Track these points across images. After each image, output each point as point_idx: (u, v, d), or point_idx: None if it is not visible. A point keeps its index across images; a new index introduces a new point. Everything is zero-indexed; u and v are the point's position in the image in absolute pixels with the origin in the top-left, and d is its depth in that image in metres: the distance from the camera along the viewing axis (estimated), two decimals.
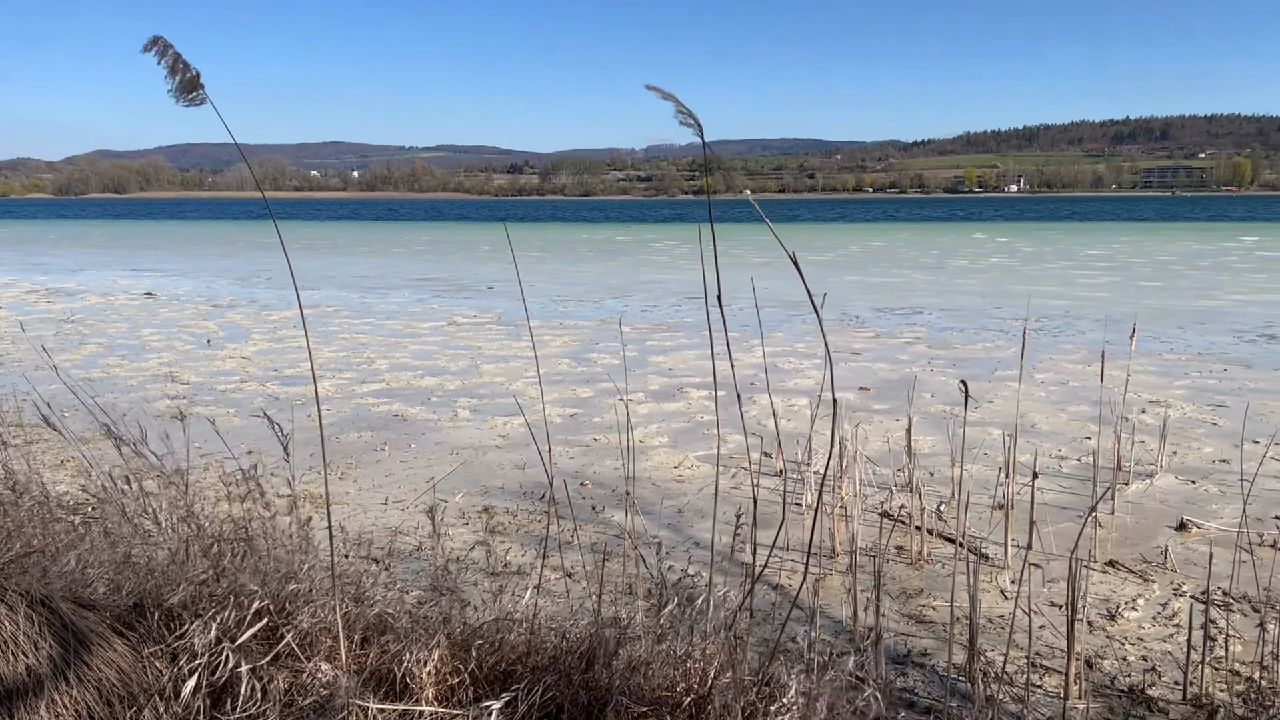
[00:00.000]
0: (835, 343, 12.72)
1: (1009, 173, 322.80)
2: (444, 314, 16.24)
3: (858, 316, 15.77)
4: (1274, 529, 5.36)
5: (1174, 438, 7.28)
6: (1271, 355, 11.50)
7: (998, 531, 5.29)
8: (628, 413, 7.77)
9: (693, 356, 11.44)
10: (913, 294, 19.75)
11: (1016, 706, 3.34)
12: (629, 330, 14.11)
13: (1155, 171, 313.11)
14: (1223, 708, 3.31)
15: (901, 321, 15.09)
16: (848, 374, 10.38)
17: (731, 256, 32.86)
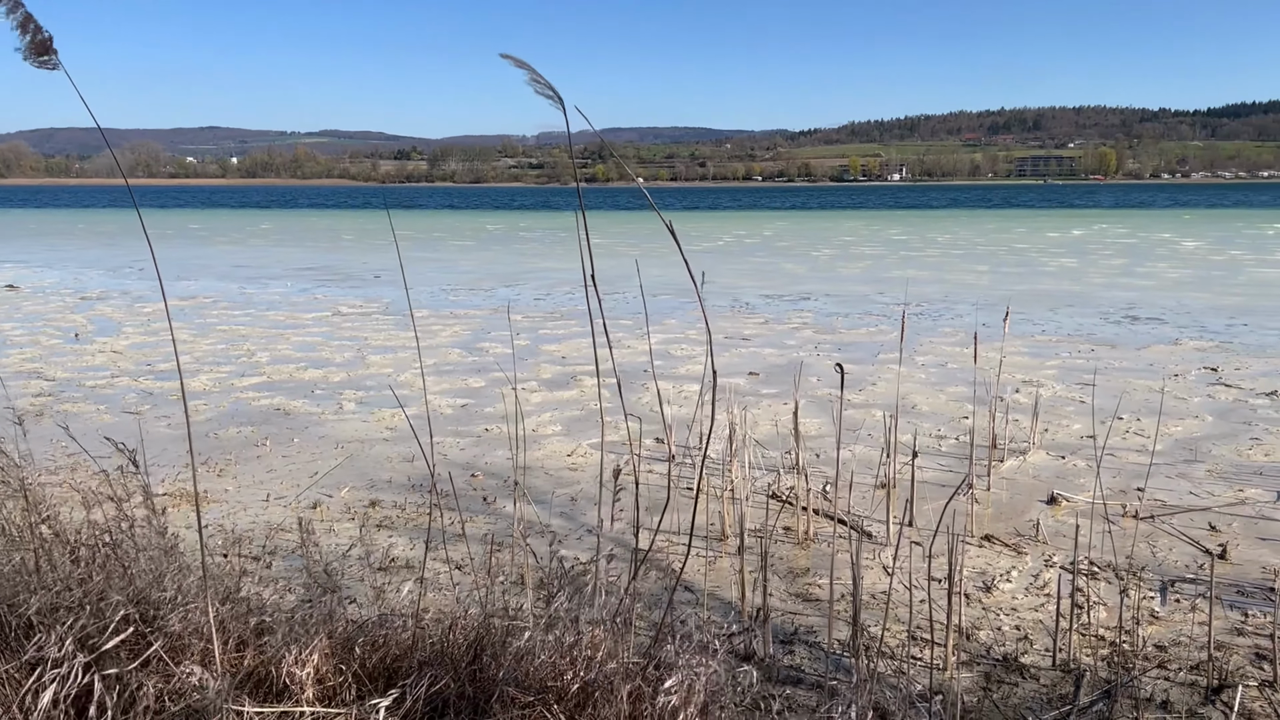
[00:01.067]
0: (726, 329, 12.89)
1: (892, 162, 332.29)
2: (328, 304, 15.81)
3: (748, 303, 15.99)
4: (1136, 500, 5.66)
5: (1045, 416, 7.61)
6: (1134, 335, 12.14)
7: (881, 510, 5.44)
8: (516, 400, 7.71)
9: (586, 344, 11.41)
10: (801, 281, 20.15)
11: (898, 679, 3.44)
12: (521, 319, 14.00)
13: (1029, 161, 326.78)
14: (1088, 671, 3.47)
15: (790, 308, 15.37)
16: (738, 360, 10.52)
17: (627, 244, 32.95)
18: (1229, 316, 13.82)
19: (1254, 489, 5.89)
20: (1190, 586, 4.39)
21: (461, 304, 15.85)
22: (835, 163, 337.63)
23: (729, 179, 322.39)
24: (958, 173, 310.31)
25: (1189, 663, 3.60)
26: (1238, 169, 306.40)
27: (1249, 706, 3.29)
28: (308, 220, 56.27)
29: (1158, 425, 7.30)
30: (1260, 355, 10.56)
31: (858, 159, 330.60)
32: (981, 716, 3.20)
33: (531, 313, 14.73)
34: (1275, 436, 7.11)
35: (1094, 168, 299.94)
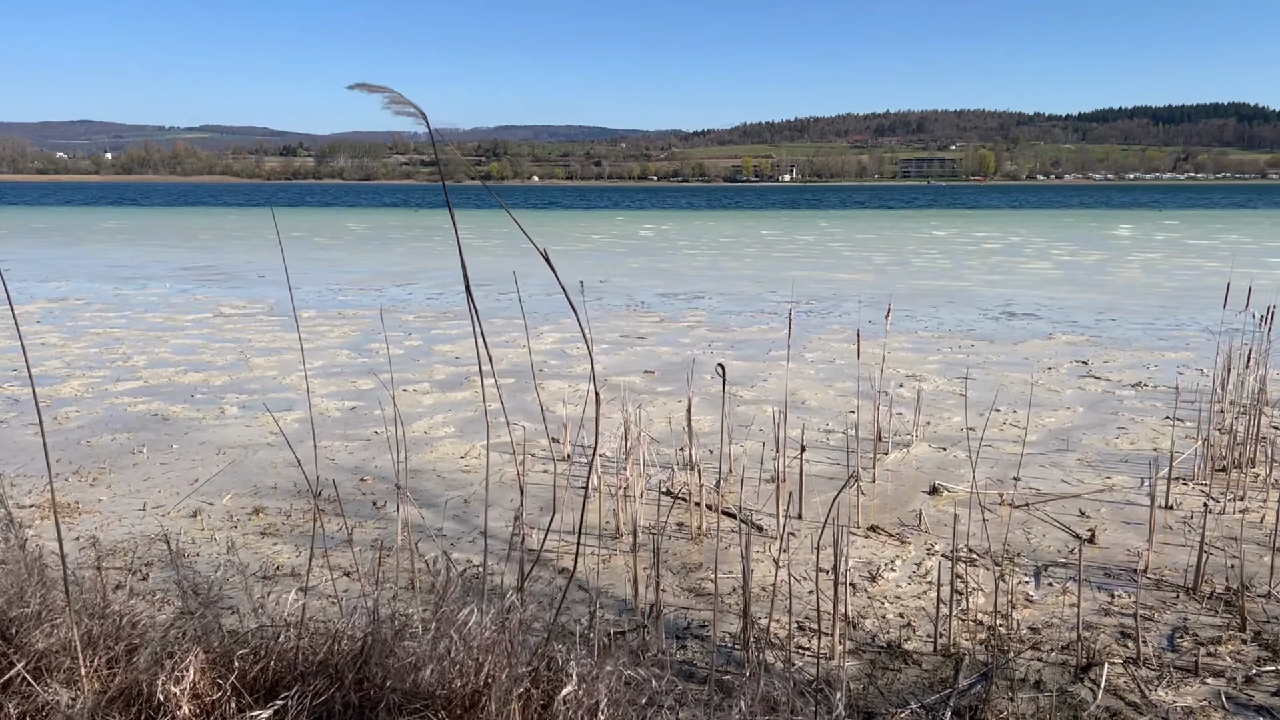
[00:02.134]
0: (622, 327, 12.93)
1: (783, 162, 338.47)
2: (210, 305, 15.24)
3: (644, 302, 16.07)
4: (1012, 489, 5.90)
5: (927, 409, 7.86)
6: (1010, 331, 12.65)
7: (771, 504, 5.54)
8: (394, 399, 7.58)
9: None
10: (696, 279, 20.35)
11: (786, 669, 3.51)
12: (413, 318, 13.76)
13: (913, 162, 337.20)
14: (967, 656, 3.61)
15: (685, 306, 15.51)
16: (633, 358, 10.57)
17: (524, 243, 32.72)
18: (1098, 312, 14.53)
19: (1120, 476, 6.21)
20: (1062, 570, 4.60)
21: (350, 304, 15.49)
22: (728, 163, 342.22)
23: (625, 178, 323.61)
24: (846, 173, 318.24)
25: (1060, 643, 3.77)
26: (1106, 171, 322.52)
27: (1114, 683, 3.47)
28: (188, 218, 54.16)
29: (1029, 416, 7.63)
30: (1126, 349, 11.13)
31: (750, 159, 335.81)
32: (867, 703, 3.29)
33: (424, 312, 14.50)
34: (1140, 426, 7.50)
35: (974, 169, 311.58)
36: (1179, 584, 4.42)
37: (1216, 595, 4.26)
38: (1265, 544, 4.83)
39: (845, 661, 3.62)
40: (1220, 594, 4.27)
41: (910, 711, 3.22)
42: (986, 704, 3.20)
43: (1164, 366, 9.99)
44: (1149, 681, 3.48)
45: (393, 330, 12.53)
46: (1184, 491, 5.84)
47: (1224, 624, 3.98)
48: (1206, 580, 4.36)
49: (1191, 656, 3.66)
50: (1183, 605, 4.18)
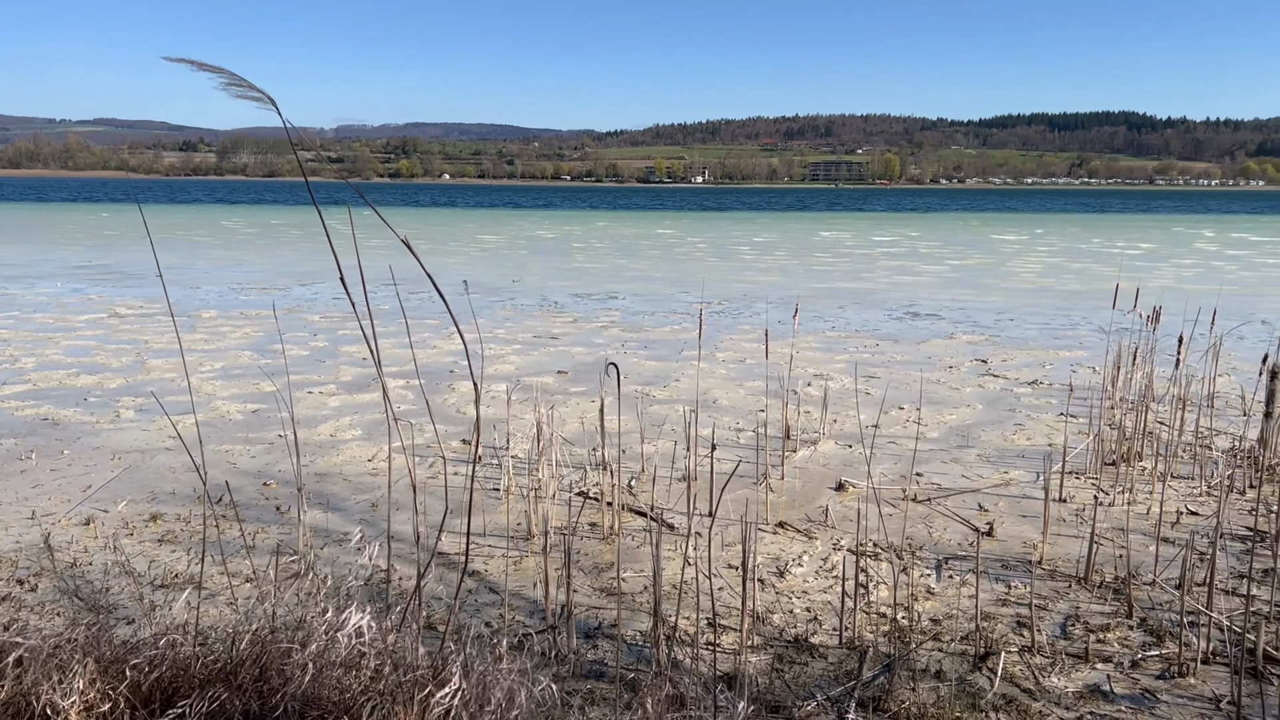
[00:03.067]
0: (535, 327, 12.87)
1: (695, 164, 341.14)
2: (104, 305, 14.66)
3: (557, 302, 16.03)
4: (915, 484, 6.06)
5: (834, 407, 8.02)
6: (913, 331, 12.99)
7: (683, 502, 5.58)
8: (291, 402, 7.43)
9: (390, 345, 11.11)
10: (610, 279, 20.38)
11: (696, 665, 3.54)
12: (319, 319, 13.46)
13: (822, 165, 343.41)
14: (871, 648, 3.69)
15: (598, 306, 15.52)
16: (547, 358, 10.53)
17: (433, 242, 32.29)
18: (997, 313, 15.02)
19: (1017, 471, 6.43)
20: (961, 563, 4.74)
21: (254, 304, 15.07)
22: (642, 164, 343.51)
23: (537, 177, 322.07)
24: (757, 176, 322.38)
25: (960, 633, 3.89)
26: (1006, 176, 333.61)
27: (1011, 670, 3.59)
28: (80, 214, 51.96)
29: (930, 414, 7.84)
30: (1023, 348, 11.54)
31: (663, 161, 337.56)
32: (774, 696, 3.34)
33: (330, 313, 14.19)
34: (1036, 422, 7.78)
35: (880, 173, 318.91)
36: (1071, 574, 4.60)
37: (1106, 584, 4.45)
38: (1151, 534, 5.06)
39: (753, 656, 3.67)
40: (1109, 583, 4.46)
41: (816, 704, 3.29)
42: (889, 694, 3.29)
43: (1059, 365, 10.38)
44: (1043, 668, 3.61)
45: (298, 331, 12.24)
46: (1076, 485, 6.08)
47: (1112, 611, 4.16)
48: (1096, 570, 4.55)
49: (1083, 643, 3.81)
50: (1075, 594, 4.36)
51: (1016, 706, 3.32)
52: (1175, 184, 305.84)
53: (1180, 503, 5.72)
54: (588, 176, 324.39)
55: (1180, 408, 7.20)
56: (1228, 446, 6.94)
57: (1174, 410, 7.28)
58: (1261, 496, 5.79)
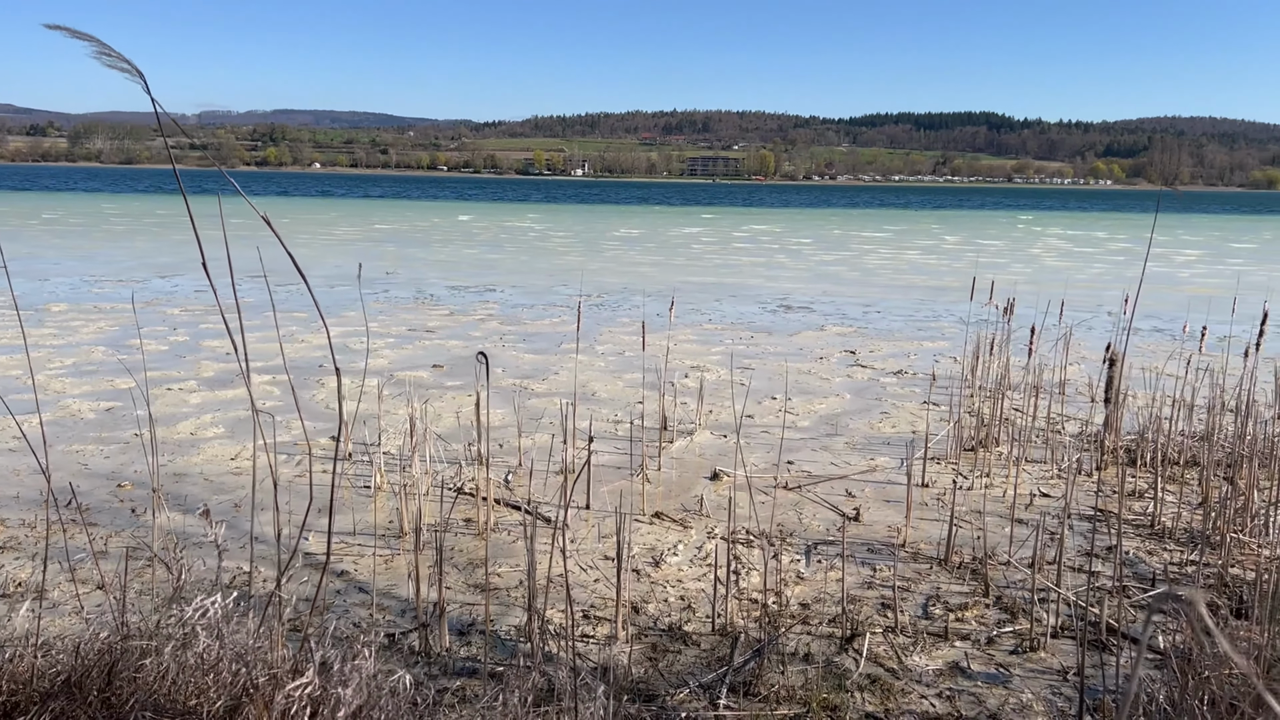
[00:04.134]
0: (410, 320, 12.62)
1: (575, 157, 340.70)
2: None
3: (433, 295, 15.76)
4: (787, 472, 6.19)
5: (710, 398, 8.13)
6: (787, 323, 13.28)
7: (560, 496, 5.56)
8: (147, 396, 7.12)
9: (255, 339, 10.71)
10: (488, 271, 20.15)
11: (570, 658, 3.53)
12: (179, 312, 12.87)
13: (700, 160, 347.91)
14: (743, 634, 3.76)
15: (476, 299, 15.33)
16: (422, 352, 10.34)
17: (307, 232, 31.29)
18: (866, 305, 15.51)
19: (883, 457, 6.65)
20: (830, 548, 4.87)
21: (108, 296, 14.30)
22: (521, 155, 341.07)
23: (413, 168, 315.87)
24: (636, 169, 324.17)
25: (827, 616, 4.00)
26: (875, 173, 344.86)
27: (875, 651, 3.71)
28: None
29: (791, 402, 8.03)
30: (889, 339, 11.94)
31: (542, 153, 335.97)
32: (648, 686, 3.37)
33: (192, 305, 13.58)
34: (901, 410, 8.06)
35: (756, 168, 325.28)
36: (933, 556, 4.78)
37: (965, 565, 4.64)
38: (1007, 516, 5.31)
39: (628, 646, 3.69)
40: (968, 563, 4.65)
41: (689, 691, 3.32)
42: (760, 679, 3.35)
43: (922, 355, 10.78)
44: (905, 648, 3.75)
45: (156, 325, 11.67)
46: (938, 470, 6.32)
47: (970, 591, 4.35)
48: (956, 552, 4.74)
49: (942, 622, 3.97)
50: (935, 575, 4.53)
51: (880, 685, 3.44)
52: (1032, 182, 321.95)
53: (1033, 485, 6.02)
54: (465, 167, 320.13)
55: (1033, 395, 7.58)
56: (1077, 431, 7.34)
57: (1028, 397, 7.65)
58: (1106, 478, 6.15)
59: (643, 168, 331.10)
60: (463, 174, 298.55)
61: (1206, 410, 6.61)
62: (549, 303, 15.03)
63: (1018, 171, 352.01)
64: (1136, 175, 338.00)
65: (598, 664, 3.47)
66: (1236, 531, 4.84)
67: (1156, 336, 12.28)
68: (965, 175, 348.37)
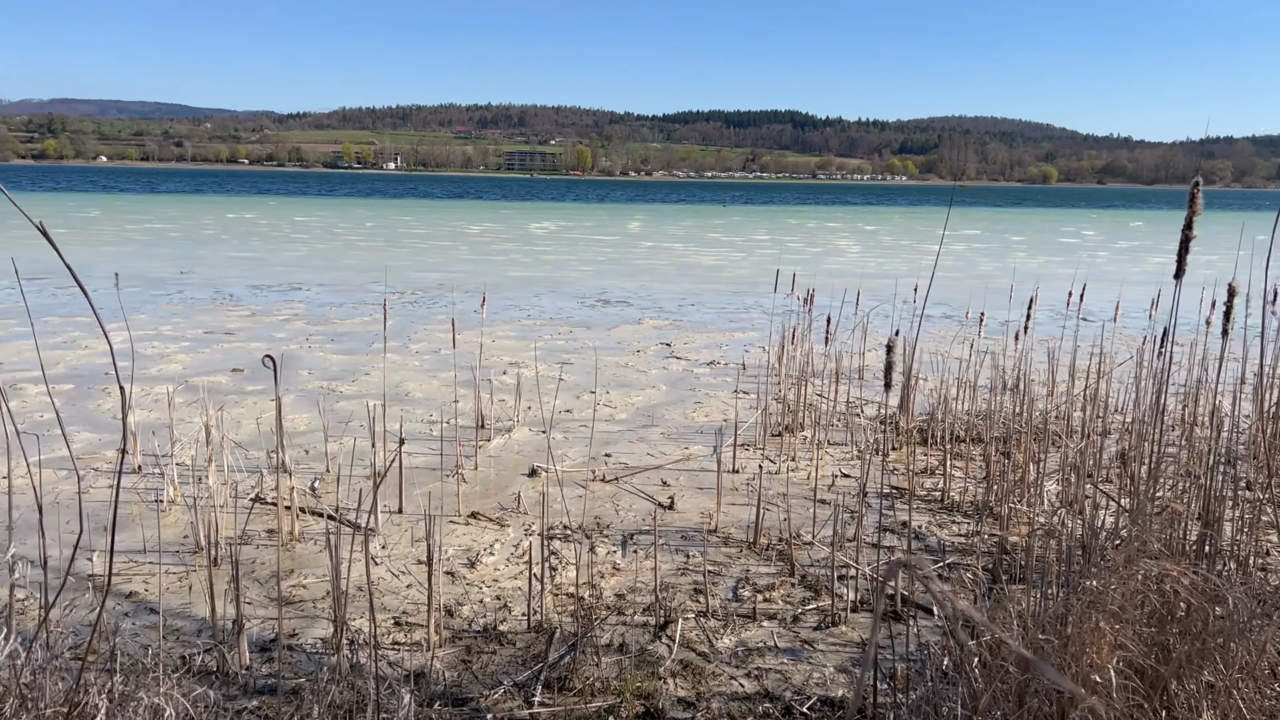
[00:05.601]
0: (207, 323, 11.93)
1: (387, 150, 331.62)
2: None
3: (233, 294, 14.96)
4: (604, 465, 6.24)
5: (529, 394, 8.09)
6: (605, 317, 13.40)
7: (370, 500, 5.39)
8: None
9: (29, 347, 9.85)
10: (294, 270, 19.31)
11: (381, 666, 3.43)
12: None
13: (516, 155, 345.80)
14: (558, 629, 3.76)
15: (280, 298, 14.66)
16: (220, 356, 9.79)
17: (90, 231, 29.04)
18: (680, 298, 15.84)
19: (696, 446, 6.80)
20: (646, 537, 4.94)
21: None
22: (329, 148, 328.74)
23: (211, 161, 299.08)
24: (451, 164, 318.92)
25: (642, 606, 4.05)
26: (689, 169, 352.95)
27: (688, 636, 3.79)
28: None
29: (609, 395, 8.12)
30: (703, 331, 12.24)
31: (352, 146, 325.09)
32: (461, 689, 3.31)
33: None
34: (713, 400, 8.27)
35: (573, 164, 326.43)
36: (742, 539, 4.93)
37: (771, 546, 4.81)
38: (810, 498, 5.54)
39: (442, 650, 3.62)
40: (775, 545, 4.83)
41: (504, 690, 3.29)
42: (575, 672, 3.36)
43: (734, 346, 11.12)
44: (716, 631, 3.85)
45: None
46: (748, 456, 6.53)
47: (777, 571, 4.51)
48: (764, 534, 4.91)
49: (751, 604, 4.10)
50: (745, 558, 4.68)
51: (692, 669, 3.52)
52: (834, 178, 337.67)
53: (835, 467, 6.31)
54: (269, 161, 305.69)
55: (835, 381, 7.95)
56: (874, 414, 7.75)
57: (829, 383, 8.02)
58: (901, 458, 6.52)
59: (458, 162, 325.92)
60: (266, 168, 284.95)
61: (989, 390, 7.13)
62: (360, 301, 14.55)
63: (821, 168, 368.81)
64: (929, 171, 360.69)
65: (408, 671, 3.39)
66: (1015, 502, 5.24)
67: (946, 323, 13.14)
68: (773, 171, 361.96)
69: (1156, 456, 3.22)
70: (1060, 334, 9.10)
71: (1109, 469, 5.88)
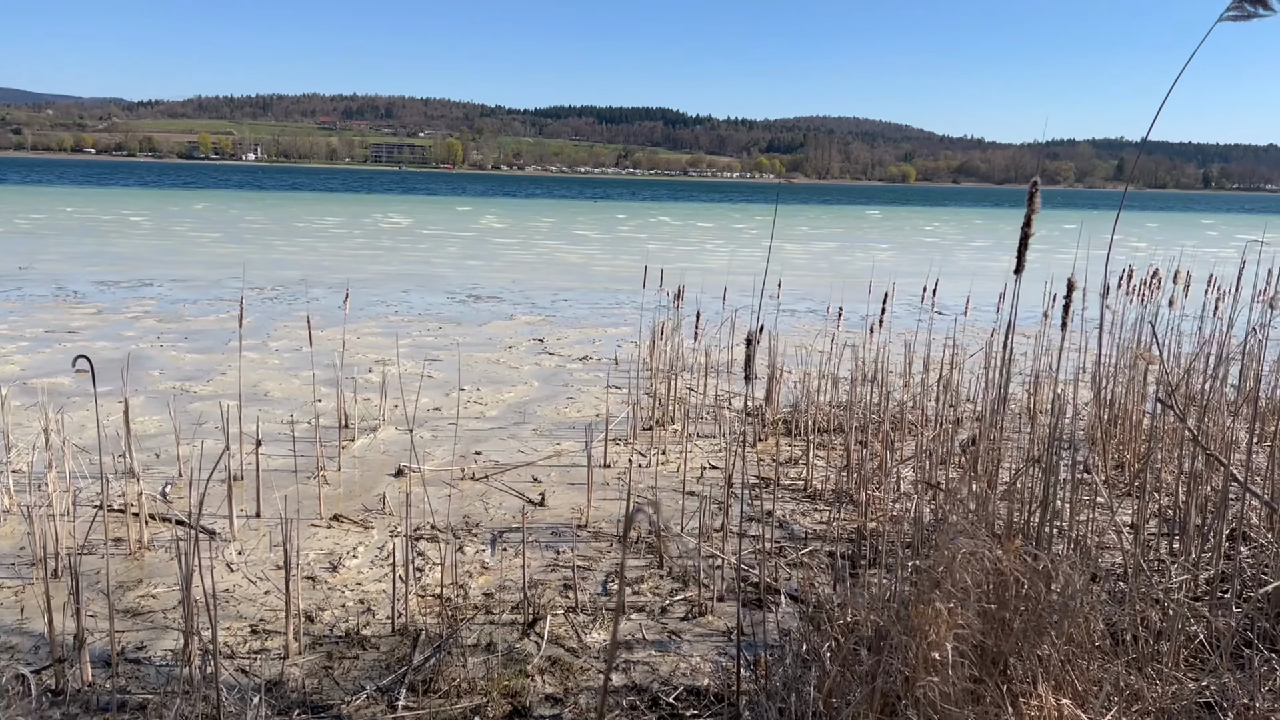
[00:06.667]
0: (48, 321, 11.24)
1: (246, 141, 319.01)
2: None
3: (77, 291, 14.13)
4: (474, 463, 6.17)
5: (395, 392, 7.92)
6: (476, 313, 13.24)
7: (226, 506, 5.18)
8: None
9: None
10: (146, 265, 18.37)
11: (239, 677, 3.30)
12: None
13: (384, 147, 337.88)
14: (423, 631, 3.69)
15: (129, 295, 13.92)
16: (62, 355, 9.23)
17: None
18: (554, 294, 15.79)
19: (569, 441, 6.80)
20: (516, 535, 4.91)
21: None
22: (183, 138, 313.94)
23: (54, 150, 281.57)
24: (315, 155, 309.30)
25: (511, 604, 4.02)
26: (561, 164, 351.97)
27: (556, 632, 3.78)
28: None
29: (480, 392, 8.04)
30: (576, 326, 12.24)
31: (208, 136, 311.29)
32: (322, 696, 3.22)
33: None
34: (586, 395, 8.28)
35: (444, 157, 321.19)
36: (613, 533, 4.95)
37: (642, 539, 4.85)
38: (680, 490, 5.61)
39: (302, 658, 3.51)
40: (645, 538, 4.86)
41: (366, 696, 3.22)
42: (440, 674, 3.31)
43: (606, 341, 11.15)
44: (585, 626, 3.85)
45: None
46: (619, 450, 6.56)
47: (646, 564, 4.55)
48: (634, 528, 4.94)
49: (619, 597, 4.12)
50: (615, 552, 4.70)
51: (561, 666, 3.51)
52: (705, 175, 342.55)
53: (704, 459, 6.41)
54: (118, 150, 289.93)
55: (704, 375, 8.07)
56: (741, 407, 7.90)
57: (699, 378, 8.14)
58: (767, 449, 6.67)
59: (323, 153, 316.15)
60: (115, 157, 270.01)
61: (850, 382, 7.36)
62: (216, 297, 13.96)
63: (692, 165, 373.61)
64: (795, 170, 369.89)
65: (264, 680, 3.27)
66: (873, 490, 5.43)
67: (811, 317, 13.50)
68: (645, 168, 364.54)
69: (998, 443, 3.39)
70: (916, 327, 9.48)
71: (960, 456, 6.17)
